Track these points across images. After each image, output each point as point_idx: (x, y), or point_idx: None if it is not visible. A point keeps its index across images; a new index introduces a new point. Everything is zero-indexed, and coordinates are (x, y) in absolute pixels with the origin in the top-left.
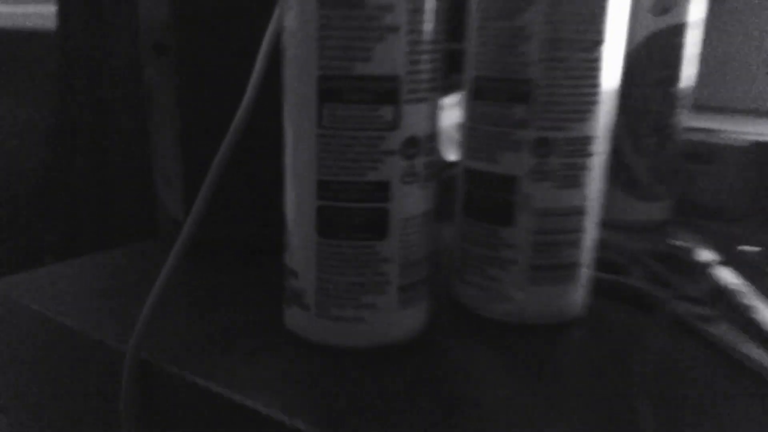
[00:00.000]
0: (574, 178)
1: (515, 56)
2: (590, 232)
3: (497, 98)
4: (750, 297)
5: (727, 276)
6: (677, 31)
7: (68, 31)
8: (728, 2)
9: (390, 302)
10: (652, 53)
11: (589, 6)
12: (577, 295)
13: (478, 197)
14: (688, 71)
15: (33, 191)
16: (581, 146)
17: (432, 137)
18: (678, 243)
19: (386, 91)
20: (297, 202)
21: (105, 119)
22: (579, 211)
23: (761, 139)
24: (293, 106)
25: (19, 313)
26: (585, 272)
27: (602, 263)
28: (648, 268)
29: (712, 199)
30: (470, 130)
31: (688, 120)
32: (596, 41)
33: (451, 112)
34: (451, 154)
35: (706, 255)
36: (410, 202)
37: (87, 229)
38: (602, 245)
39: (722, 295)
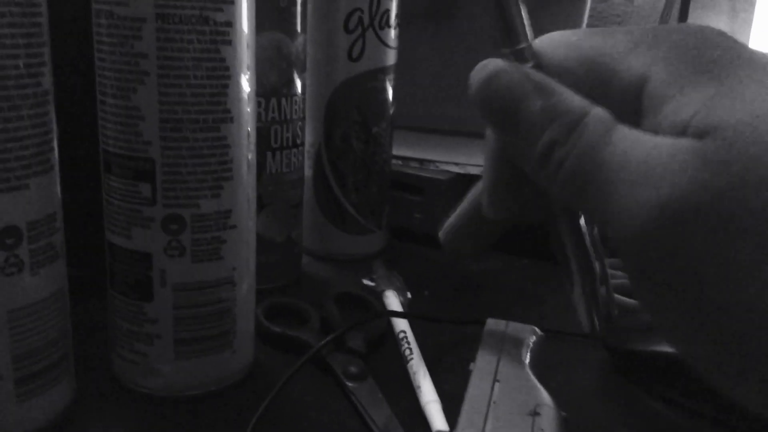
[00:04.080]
0: (212, 251)
1: (136, 135)
2: (244, 298)
3: (124, 175)
4: (412, 346)
5: (400, 324)
6: (371, 76)
7: None
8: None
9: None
10: (350, 96)
11: (208, 87)
12: (231, 361)
13: (120, 271)
14: (388, 112)
15: None
16: (216, 221)
17: (46, 221)
18: (369, 283)
19: None
20: None
21: None
22: (223, 282)
23: (462, 171)
24: None
25: None
26: (242, 337)
27: (287, 309)
28: (327, 313)
29: (423, 227)
30: (107, 203)
31: (403, 152)
32: (220, 120)
33: None
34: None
35: (391, 298)
36: (15, 292)
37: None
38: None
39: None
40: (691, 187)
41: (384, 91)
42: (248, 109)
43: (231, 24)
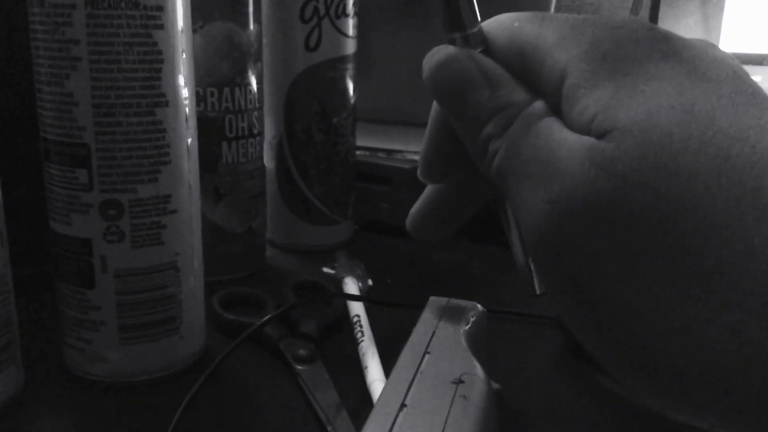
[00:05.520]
0: (152, 236)
1: (70, 121)
2: (189, 284)
3: (62, 162)
4: (364, 329)
5: (355, 308)
6: (330, 65)
7: None
8: None
9: None
10: (309, 87)
11: (141, 72)
12: (179, 347)
13: (63, 259)
14: (348, 101)
15: None
16: (155, 206)
17: None
18: (329, 271)
19: None
20: None
21: None
22: (166, 268)
23: None
24: None
25: None
26: (190, 324)
27: (244, 298)
28: (285, 301)
29: (391, 218)
30: (48, 191)
31: (370, 143)
32: (155, 104)
33: None
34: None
35: (349, 285)
36: None
37: None
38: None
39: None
40: (578, 186)
41: (343, 80)
42: (185, 93)
43: (162, 8)
